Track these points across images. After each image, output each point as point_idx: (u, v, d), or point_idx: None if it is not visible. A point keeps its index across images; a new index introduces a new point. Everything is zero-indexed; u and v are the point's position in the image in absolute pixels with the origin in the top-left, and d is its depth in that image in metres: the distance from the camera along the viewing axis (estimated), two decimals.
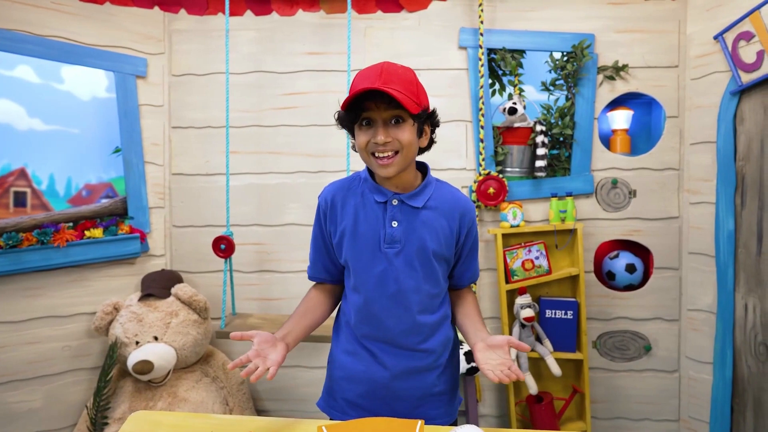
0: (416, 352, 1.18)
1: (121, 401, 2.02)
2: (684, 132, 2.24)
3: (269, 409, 2.37)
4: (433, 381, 1.20)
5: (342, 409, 1.22)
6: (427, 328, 1.18)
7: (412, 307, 1.15)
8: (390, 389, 1.18)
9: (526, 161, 2.29)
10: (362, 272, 1.16)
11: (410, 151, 1.11)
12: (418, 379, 1.19)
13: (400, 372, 1.18)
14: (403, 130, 1.08)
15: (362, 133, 1.10)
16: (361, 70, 1.12)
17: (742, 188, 2.01)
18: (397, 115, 1.08)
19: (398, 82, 1.06)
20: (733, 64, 1.98)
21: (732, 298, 2.04)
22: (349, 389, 1.21)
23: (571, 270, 2.23)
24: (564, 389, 2.30)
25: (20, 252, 1.99)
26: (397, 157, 1.09)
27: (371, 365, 1.19)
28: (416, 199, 1.15)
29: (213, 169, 2.34)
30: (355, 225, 1.16)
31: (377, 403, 1.19)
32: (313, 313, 1.26)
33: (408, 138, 1.09)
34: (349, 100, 1.06)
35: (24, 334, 2.03)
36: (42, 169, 2.33)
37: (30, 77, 2.26)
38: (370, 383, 1.19)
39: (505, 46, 2.25)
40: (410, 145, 1.10)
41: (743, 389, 2.01)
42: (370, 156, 1.10)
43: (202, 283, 2.34)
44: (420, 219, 1.14)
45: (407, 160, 1.11)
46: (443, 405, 1.22)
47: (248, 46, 2.32)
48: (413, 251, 1.14)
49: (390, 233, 1.13)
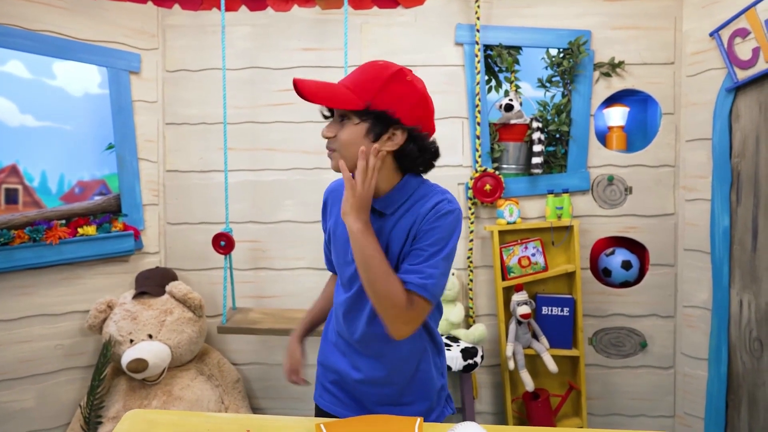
0: (378, 360, 1.13)
1: (115, 400, 2.00)
2: (680, 129, 2.25)
3: (264, 408, 2.36)
4: (398, 392, 1.14)
5: (320, 394, 1.23)
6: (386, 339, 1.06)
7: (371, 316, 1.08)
8: (358, 390, 1.16)
9: (522, 158, 2.29)
10: (339, 273, 1.17)
11: (347, 151, 1.02)
12: (382, 388, 1.13)
13: (366, 377, 1.13)
14: (344, 128, 1.02)
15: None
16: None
17: (737, 185, 2.02)
18: (341, 114, 1.03)
19: (352, 78, 1.03)
20: (729, 61, 1.98)
21: (727, 294, 2.05)
22: (324, 375, 1.23)
23: (568, 267, 2.23)
24: (560, 386, 2.30)
25: (12, 249, 1.96)
26: (334, 155, 1.04)
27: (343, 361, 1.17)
28: (386, 204, 1.07)
29: (207, 165, 2.32)
30: (335, 227, 1.15)
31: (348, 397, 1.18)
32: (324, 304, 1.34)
33: (346, 137, 1.01)
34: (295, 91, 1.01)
35: (16, 332, 2.00)
36: (34, 166, 2.30)
37: (21, 73, 2.23)
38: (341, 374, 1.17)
39: (502, 42, 2.24)
40: (348, 145, 1.01)
41: (738, 385, 2.02)
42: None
43: (196, 281, 2.32)
44: (388, 225, 1.07)
45: (347, 160, 1.03)
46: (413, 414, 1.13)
47: (243, 41, 2.30)
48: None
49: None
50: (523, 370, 2.17)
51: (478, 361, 2.06)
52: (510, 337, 2.18)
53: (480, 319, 2.32)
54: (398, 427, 1.01)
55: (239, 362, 2.34)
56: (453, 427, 0.93)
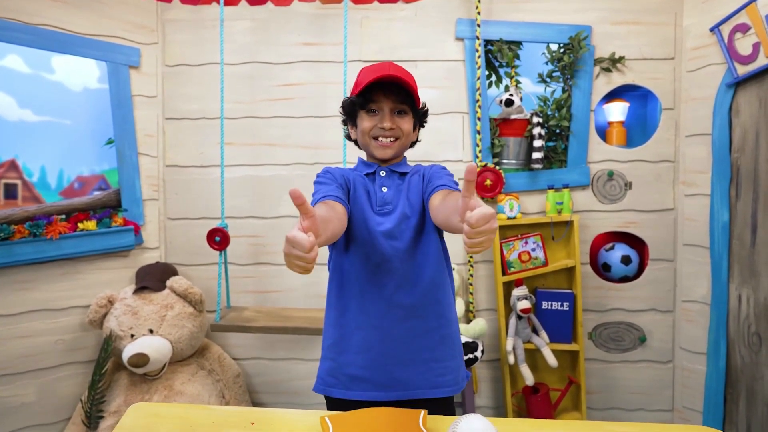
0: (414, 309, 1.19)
1: (116, 394, 2.00)
2: (679, 124, 2.25)
3: (266, 402, 2.37)
4: (433, 344, 1.20)
5: (345, 384, 1.20)
6: (425, 283, 1.20)
7: (408, 261, 1.20)
8: (390, 353, 1.18)
9: (522, 153, 2.29)
10: (359, 235, 1.20)
11: (408, 140, 1.26)
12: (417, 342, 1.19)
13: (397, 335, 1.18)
14: (405, 120, 1.23)
15: (367, 119, 1.22)
16: (367, 66, 1.24)
17: (736, 180, 2.02)
18: (401, 108, 1.22)
19: (406, 77, 1.19)
20: (729, 56, 1.98)
21: (726, 289, 2.06)
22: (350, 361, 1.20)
23: (568, 262, 2.23)
24: (560, 380, 2.32)
25: (12, 244, 1.96)
26: (396, 143, 1.23)
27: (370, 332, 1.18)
28: (400, 167, 1.27)
29: (207, 160, 2.31)
30: (354, 196, 1.23)
31: (377, 372, 1.18)
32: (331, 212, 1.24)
33: (408, 128, 1.24)
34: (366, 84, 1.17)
35: (17, 327, 2.00)
36: (33, 161, 2.30)
37: (20, 67, 2.22)
38: (370, 351, 1.18)
39: (502, 37, 2.24)
40: (409, 134, 1.25)
41: (736, 379, 2.04)
42: (371, 139, 1.23)
43: (197, 276, 2.32)
44: (406, 182, 1.25)
45: (403, 147, 1.26)
46: (449, 372, 1.22)
47: (243, 36, 2.29)
48: (402, 208, 1.22)
49: (381, 196, 1.23)
50: (523, 364, 2.18)
51: (478, 355, 2.06)
52: (510, 331, 2.18)
53: (480, 313, 2.32)
54: (403, 419, 1.01)
55: (240, 357, 2.34)
56: (457, 419, 0.93)
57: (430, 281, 1.21)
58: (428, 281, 1.21)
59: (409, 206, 1.23)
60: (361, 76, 1.23)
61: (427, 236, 1.23)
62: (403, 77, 1.17)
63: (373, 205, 1.23)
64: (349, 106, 1.26)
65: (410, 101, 1.22)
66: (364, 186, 1.25)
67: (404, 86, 1.18)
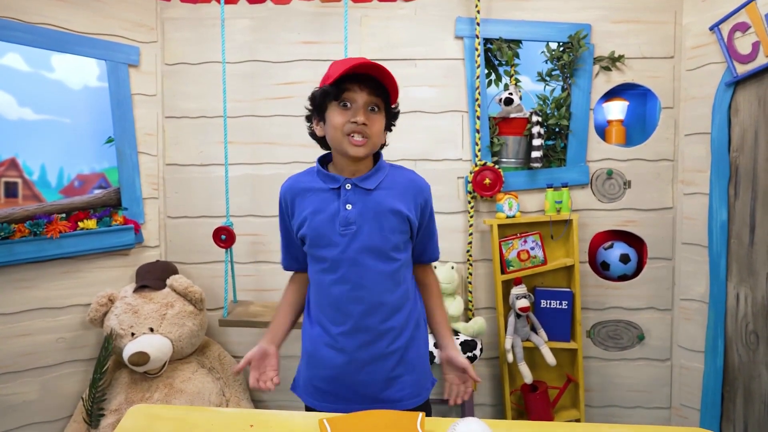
0: (379, 333, 1.19)
1: (117, 392, 2.02)
2: (679, 123, 2.25)
3: (266, 400, 2.38)
4: (396, 363, 1.22)
5: (314, 395, 1.26)
6: (388, 307, 1.19)
7: (371, 286, 1.17)
8: (353, 373, 1.20)
9: (522, 152, 2.30)
10: (323, 257, 1.19)
11: (378, 139, 1.18)
12: (381, 364, 1.20)
13: (362, 358, 1.20)
14: (377, 119, 1.16)
15: (340, 113, 1.14)
16: (338, 60, 1.17)
17: (735, 179, 2.03)
18: (375, 103, 1.14)
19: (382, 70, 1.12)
20: (729, 55, 1.98)
21: (724, 287, 2.06)
22: (318, 375, 1.24)
23: (566, 260, 2.24)
24: (558, 378, 2.33)
25: (12, 243, 1.96)
26: (367, 143, 1.14)
27: (333, 352, 1.21)
28: (368, 182, 1.19)
29: (207, 159, 2.32)
30: (313, 214, 1.19)
31: (342, 387, 1.22)
32: (294, 307, 1.34)
33: (379, 127, 1.16)
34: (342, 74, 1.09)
35: (17, 326, 2.01)
36: (33, 160, 2.30)
37: (19, 65, 2.22)
38: (335, 368, 1.21)
39: (502, 36, 2.24)
40: (379, 134, 1.17)
41: (734, 377, 2.05)
42: (344, 136, 1.14)
43: (197, 274, 2.33)
44: (373, 199, 1.18)
45: (374, 148, 1.18)
46: (409, 386, 1.24)
47: (242, 34, 2.29)
48: (369, 230, 1.17)
49: (345, 216, 1.16)
50: (521, 362, 2.19)
51: (477, 353, 2.08)
52: (509, 330, 2.19)
53: (479, 312, 2.33)
54: (400, 421, 1.02)
55: (240, 355, 2.36)
56: (455, 422, 0.94)
57: (395, 305, 1.20)
58: (394, 305, 1.20)
59: (376, 229, 1.16)
60: (332, 68, 1.16)
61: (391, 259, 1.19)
62: (380, 66, 1.10)
63: (337, 226, 1.16)
64: (320, 96, 1.17)
65: (384, 96, 1.15)
66: (329, 202, 1.18)
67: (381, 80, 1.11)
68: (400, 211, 1.18)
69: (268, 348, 1.25)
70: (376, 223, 1.16)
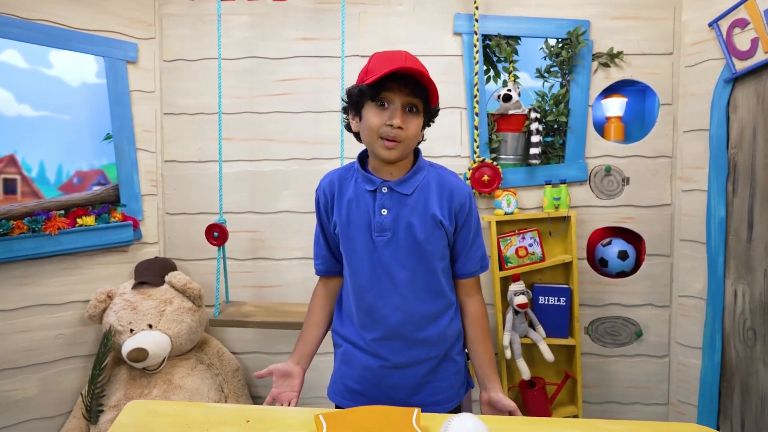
0: (414, 341, 1.18)
1: (116, 389, 2.02)
2: (677, 119, 2.25)
3: (264, 396, 2.37)
4: (430, 370, 1.20)
5: (344, 395, 1.24)
6: (424, 315, 1.17)
7: (407, 294, 1.15)
8: (385, 377, 1.19)
9: (520, 148, 2.29)
10: (356, 262, 1.17)
11: (412, 143, 1.13)
12: (414, 370, 1.19)
13: (395, 362, 1.18)
14: (413, 120, 1.11)
15: (376, 113, 1.09)
16: (379, 53, 1.13)
17: (733, 176, 2.03)
18: (414, 103, 1.10)
19: (425, 72, 1.08)
20: (728, 51, 1.98)
21: (722, 284, 2.07)
22: (349, 375, 1.23)
23: (564, 257, 2.24)
24: (556, 374, 2.33)
25: (11, 240, 1.97)
26: (400, 146, 1.10)
27: (367, 355, 1.20)
28: (405, 186, 1.15)
29: (205, 156, 2.32)
30: (348, 215, 1.16)
31: (373, 389, 1.20)
32: (320, 326, 1.32)
33: (415, 130, 1.11)
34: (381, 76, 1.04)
35: (17, 322, 2.01)
36: (32, 156, 2.30)
37: (17, 62, 2.22)
38: (366, 370, 1.20)
39: (500, 32, 2.23)
40: (414, 137, 1.12)
41: (731, 373, 2.05)
42: (378, 138, 1.10)
43: (195, 271, 2.33)
44: (409, 204, 1.14)
45: (408, 150, 1.13)
46: (441, 392, 1.22)
47: (241, 31, 2.29)
48: (404, 237, 1.13)
49: (379, 221, 1.13)
50: (519, 359, 2.19)
51: None
52: (507, 326, 2.20)
53: None
54: (396, 417, 1.03)
55: (239, 351, 2.36)
56: (450, 418, 0.95)
57: (431, 314, 1.18)
58: (430, 314, 1.18)
59: (410, 236, 1.13)
60: (373, 62, 1.11)
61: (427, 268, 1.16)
62: (422, 71, 1.06)
63: (372, 230, 1.14)
64: (357, 94, 1.12)
65: (424, 97, 1.10)
66: (365, 204, 1.15)
67: (420, 80, 1.07)
68: (434, 216, 1.14)
69: (293, 369, 1.24)
70: (410, 230, 1.13)
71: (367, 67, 1.11)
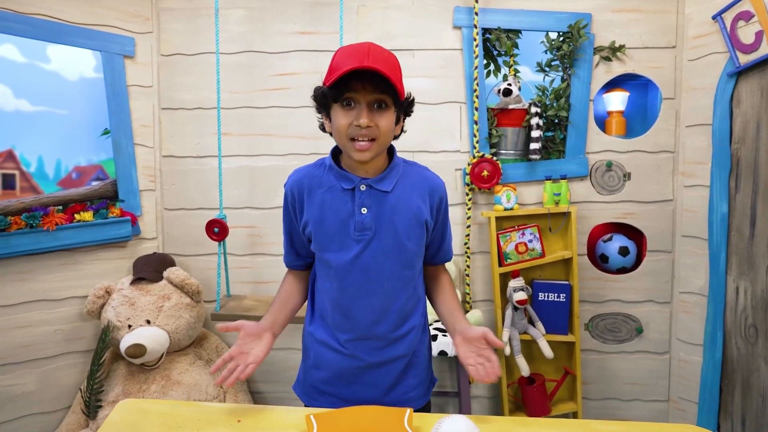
0: (389, 340, 1.16)
1: (114, 384, 2.02)
2: (680, 114, 2.22)
3: (263, 391, 2.39)
4: (404, 368, 1.20)
5: (312, 395, 1.22)
6: (399, 315, 1.16)
7: (385, 294, 1.14)
8: (359, 377, 1.18)
9: (520, 143, 2.27)
10: (332, 262, 1.13)
11: (387, 138, 1.09)
12: (388, 368, 1.18)
13: (370, 362, 1.17)
14: (383, 116, 1.06)
15: (343, 114, 1.06)
16: (343, 47, 1.08)
17: (736, 171, 2.00)
18: (380, 100, 1.05)
19: (386, 66, 1.02)
20: (731, 44, 1.94)
21: (724, 280, 2.05)
22: (318, 377, 1.21)
23: (565, 253, 2.22)
24: (556, 371, 2.32)
25: (9, 236, 1.96)
26: (373, 144, 1.06)
27: (339, 356, 1.18)
28: (384, 183, 1.12)
29: (204, 151, 2.31)
30: (322, 214, 1.13)
31: (345, 389, 1.19)
32: (293, 299, 1.27)
33: (387, 125, 1.07)
34: (339, 76, 1.00)
35: (15, 318, 2.02)
36: (30, 151, 2.30)
37: (15, 57, 2.21)
38: (338, 370, 1.18)
39: (501, 25, 2.21)
40: (388, 132, 1.08)
41: (732, 370, 2.03)
42: (348, 140, 1.06)
43: (194, 266, 2.33)
44: (390, 203, 1.11)
45: (382, 147, 1.09)
46: (413, 389, 1.22)
47: (238, 25, 2.27)
48: (385, 236, 1.11)
49: (360, 220, 1.10)
50: (518, 355, 2.18)
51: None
52: (506, 322, 2.19)
53: (476, 304, 2.33)
54: (388, 417, 1.02)
55: None
56: (441, 419, 0.94)
57: (406, 312, 1.18)
58: (405, 312, 1.17)
59: (392, 235, 1.11)
60: (336, 59, 1.06)
61: (407, 266, 1.15)
62: (381, 68, 0.99)
63: (351, 230, 1.11)
64: (320, 97, 1.09)
65: (391, 91, 1.05)
66: (341, 203, 1.12)
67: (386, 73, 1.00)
68: (418, 215, 1.13)
69: (264, 332, 1.17)
70: (392, 228, 1.11)
71: (331, 64, 1.06)
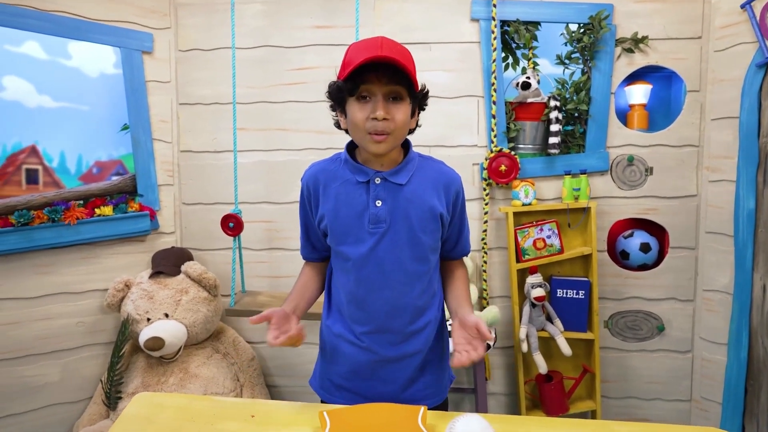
0: (405, 335, 1.16)
1: (134, 376, 2.06)
2: (705, 107, 2.16)
3: (279, 385, 2.41)
4: (420, 364, 1.19)
5: (329, 389, 1.22)
6: (415, 309, 1.15)
7: (400, 288, 1.13)
8: (376, 372, 1.17)
9: (539, 138, 2.24)
10: (347, 255, 1.14)
11: (403, 131, 1.09)
12: (405, 363, 1.17)
13: (387, 356, 1.16)
14: (399, 108, 1.05)
15: (359, 108, 1.05)
16: (355, 43, 1.08)
17: (764, 166, 1.94)
18: (396, 91, 1.05)
19: (400, 56, 1.02)
20: (761, 34, 1.88)
21: (750, 278, 1.99)
22: (335, 371, 1.21)
23: (584, 249, 2.19)
24: (574, 368, 2.29)
25: (32, 230, 2.00)
26: (389, 138, 1.06)
27: (356, 349, 1.17)
28: (399, 176, 1.12)
29: (221, 146, 2.32)
30: (337, 208, 1.13)
31: (362, 384, 1.18)
32: (310, 288, 1.26)
33: (403, 118, 1.06)
34: (354, 68, 1.00)
35: (37, 310, 2.06)
36: (53, 147, 2.33)
37: (38, 53, 2.24)
38: (355, 364, 1.18)
39: (519, 17, 2.17)
40: (404, 125, 1.08)
41: (758, 370, 1.98)
42: (365, 134, 1.06)
43: (212, 261, 2.35)
44: (404, 196, 1.11)
45: (398, 140, 1.09)
46: (430, 386, 1.21)
47: (255, 19, 2.27)
48: (400, 229, 1.11)
49: (375, 213, 1.10)
50: (536, 352, 2.16)
51: (491, 343, 2.05)
52: (524, 319, 2.16)
53: (494, 300, 2.30)
54: (402, 415, 1.01)
55: (254, 340, 2.38)
56: (455, 418, 0.93)
57: (423, 306, 1.17)
58: (421, 307, 1.16)
59: (406, 228, 1.11)
60: (349, 54, 1.06)
61: (422, 260, 1.14)
62: (396, 57, 0.99)
63: (366, 223, 1.11)
64: (336, 92, 1.09)
65: (406, 83, 1.05)
66: (356, 196, 1.12)
67: (399, 67, 1.01)
68: (433, 208, 1.12)
69: (291, 314, 1.15)
70: (407, 221, 1.11)
71: (345, 59, 1.07)
